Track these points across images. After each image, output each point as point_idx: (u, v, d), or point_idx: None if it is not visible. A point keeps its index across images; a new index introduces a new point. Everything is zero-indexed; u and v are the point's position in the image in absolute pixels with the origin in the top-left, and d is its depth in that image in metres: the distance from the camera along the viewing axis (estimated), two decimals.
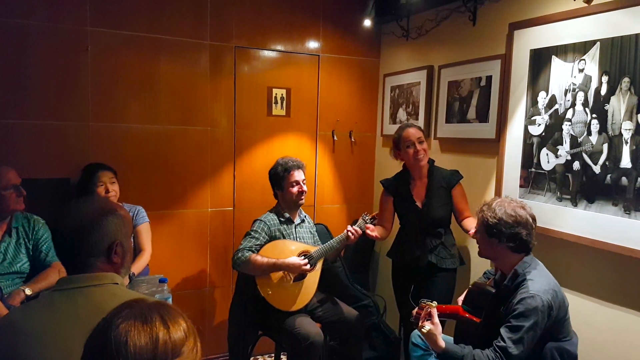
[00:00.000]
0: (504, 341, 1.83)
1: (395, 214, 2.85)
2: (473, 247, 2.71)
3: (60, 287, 1.27)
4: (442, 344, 1.92)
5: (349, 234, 2.69)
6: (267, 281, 2.66)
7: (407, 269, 2.76)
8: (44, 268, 2.39)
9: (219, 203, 3.41)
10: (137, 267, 2.73)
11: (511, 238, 1.94)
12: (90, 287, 1.26)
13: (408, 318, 2.73)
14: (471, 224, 2.48)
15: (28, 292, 2.21)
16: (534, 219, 1.98)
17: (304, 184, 2.81)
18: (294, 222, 2.87)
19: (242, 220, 3.42)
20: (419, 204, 2.68)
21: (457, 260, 2.72)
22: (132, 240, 2.27)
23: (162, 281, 2.44)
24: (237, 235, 3.43)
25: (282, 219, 2.82)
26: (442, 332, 2.00)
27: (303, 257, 2.71)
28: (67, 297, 1.24)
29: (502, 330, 1.86)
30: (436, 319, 1.96)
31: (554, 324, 1.88)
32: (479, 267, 2.75)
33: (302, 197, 2.81)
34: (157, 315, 0.84)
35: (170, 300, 2.23)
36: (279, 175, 2.79)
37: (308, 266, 2.66)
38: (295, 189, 2.78)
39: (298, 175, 2.78)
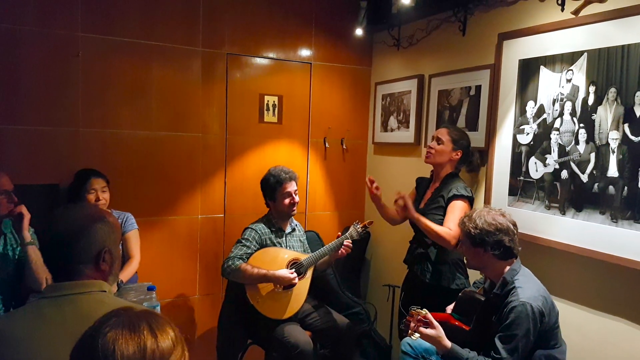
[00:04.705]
0: (499, 352, 1.84)
1: None
2: None
3: (47, 295, 1.26)
4: (448, 343, 1.93)
5: (342, 249, 2.69)
6: (256, 289, 2.65)
7: (407, 276, 2.74)
8: None
9: (209, 210, 3.39)
10: (125, 274, 2.70)
11: (495, 246, 1.96)
12: (78, 295, 1.25)
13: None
14: (433, 224, 2.39)
15: (33, 243, 2.25)
16: (514, 225, 2.01)
17: (296, 194, 2.80)
18: (284, 231, 2.86)
19: (233, 227, 3.41)
20: (421, 205, 2.63)
21: (444, 279, 2.49)
22: (120, 247, 2.26)
23: (150, 289, 2.42)
24: (227, 243, 3.41)
25: (272, 228, 2.81)
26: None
27: (293, 264, 2.71)
28: (55, 304, 1.23)
29: (497, 341, 1.87)
30: (436, 322, 1.97)
31: (545, 331, 1.90)
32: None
33: (294, 208, 2.81)
34: (145, 324, 0.84)
35: (158, 309, 2.21)
36: (271, 187, 2.78)
37: (297, 279, 2.65)
38: (287, 201, 2.77)
39: (290, 186, 2.78)
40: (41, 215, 2.31)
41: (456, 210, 2.42)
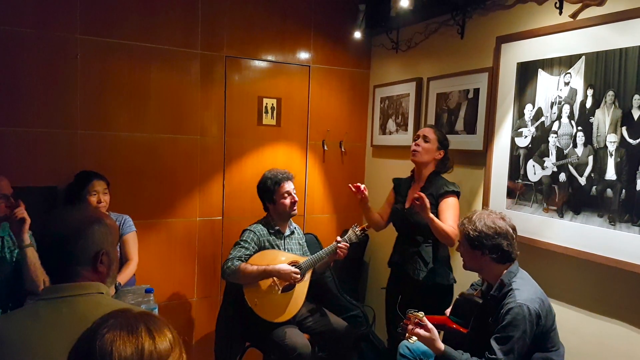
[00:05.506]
0: (495, 353, 1.84)
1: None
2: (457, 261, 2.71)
3: (44, 296, 1.25)
4: (442, 346, 1.93)
5: (338, 251, 2.68)
6: (254, 291, 2.65)
7: (394, 277, 2.75)
8: None
9: (207, 212, 3.39)
10: (123, 277, 2.70)
11: (493, 249, 1.96)
12: (75, 297, 1.25)
13: (394, 328, 2.73)
14: (444, 225, 2.41)
15: (31, 245, 2.20)
16: (514, 229, 2.01)
17: (294, 194, 2.81)
18: (283, 234, 2.86)
19: (231, 230, 3.41)
20: (406, 205, 2.65)
21: (439, 277, 2.52)
22: (118, 249, 2.25)
23: (148, 291, 2.42)
24: (225, 245, 3.41)
25: (271, 231, 2.81)
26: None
27: (293, 267, 2.70)
28: (52, 306, 1.22)
29: (493, 342, 1.87)
30: (430, 325, 1.97)
31: (542, 333, 1.89)
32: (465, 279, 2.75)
33: (295, 207, 2.81)
34: (143, 326, 0.83)
35: (156, 311, 2.20)
36: (269, 189, 2.78)
37: (298, 275, 2.64)
38: (288, 200, 2.77)
39: (288, 185, 2.78)
40: (39, 218, 2.31)
41: (451, 207, 2.49)
